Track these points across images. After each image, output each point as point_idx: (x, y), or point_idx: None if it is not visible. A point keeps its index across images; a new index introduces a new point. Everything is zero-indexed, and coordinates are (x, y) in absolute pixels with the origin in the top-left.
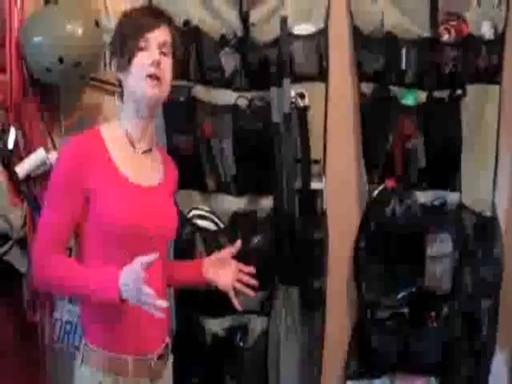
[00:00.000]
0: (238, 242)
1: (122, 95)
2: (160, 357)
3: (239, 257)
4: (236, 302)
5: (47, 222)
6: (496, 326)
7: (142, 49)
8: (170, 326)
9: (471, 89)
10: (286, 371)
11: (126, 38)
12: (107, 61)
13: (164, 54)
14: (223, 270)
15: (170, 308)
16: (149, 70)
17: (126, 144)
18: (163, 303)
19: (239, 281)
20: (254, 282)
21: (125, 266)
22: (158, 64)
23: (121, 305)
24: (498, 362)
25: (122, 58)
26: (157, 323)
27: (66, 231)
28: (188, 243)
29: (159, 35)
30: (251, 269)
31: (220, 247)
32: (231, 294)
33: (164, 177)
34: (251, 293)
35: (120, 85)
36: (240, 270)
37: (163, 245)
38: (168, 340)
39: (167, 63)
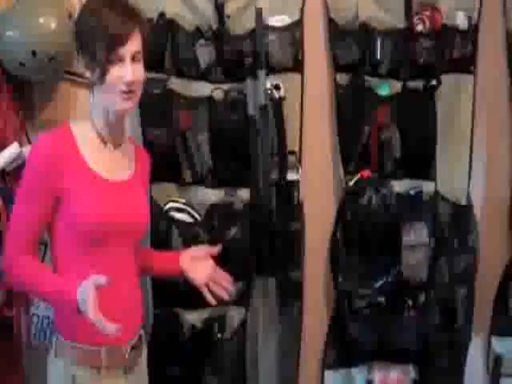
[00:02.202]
0: (219, 247)
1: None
2: (134, 348)
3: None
4: (209, 297)
5: (19, 221)
6: (471, 313)
7: (115, 62)
8: (143, 318)
9: (446, 79)
10: (264, 362)
11: (96, 49)
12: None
13: (136, 60)
14: (199, 265)
15: (146, 301)
16: (122, 86)
17: (97, 141)
18: (112, 329)
19: (213, 280)
20: (228, 286)
21: (82, 281)
22: (132, 83)
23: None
24: (474, 349)
25: (92, 64)
26: (130, 315)
27: (37, 231)
28: (164, 236)
29: (132, 45)
30: (228, 277)
31: (197, 239)
32: (204, 289)
33: (136, 169)
34: (225, 296)
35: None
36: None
37: (136, 240)
38: (142, 332)
39: (139, 70)
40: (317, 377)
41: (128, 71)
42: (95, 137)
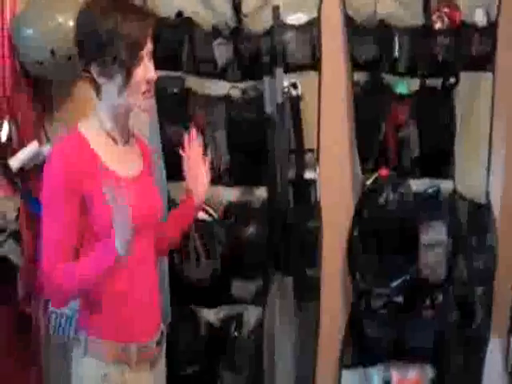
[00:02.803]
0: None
1: (98, 94)
2: (158, 343)
3: (233, 247)
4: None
5: (52, 238)
6: (490, 312)
7: (137, 64)
8: (163, 313)
9: (464, 76)
10: (281, 360)
11: (119, 55)
12: None
13: (151, 58)
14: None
15: (162, 298)
16: (146, 86)
17: (108, 140)
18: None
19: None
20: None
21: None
22: (153, 80)
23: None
24: (492, 349)
25: (110, 69)
26: (151, 308)
27: (72, 242)
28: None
29: (149, 45)
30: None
31: (214, 237)
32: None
33: (144, 162)
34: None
35: (96, 84)
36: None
37: (152, 233)
38: (163, 327)
39: (153, 67)
40: (334, 376)
41: (151, 70)
42: (105, 136)
